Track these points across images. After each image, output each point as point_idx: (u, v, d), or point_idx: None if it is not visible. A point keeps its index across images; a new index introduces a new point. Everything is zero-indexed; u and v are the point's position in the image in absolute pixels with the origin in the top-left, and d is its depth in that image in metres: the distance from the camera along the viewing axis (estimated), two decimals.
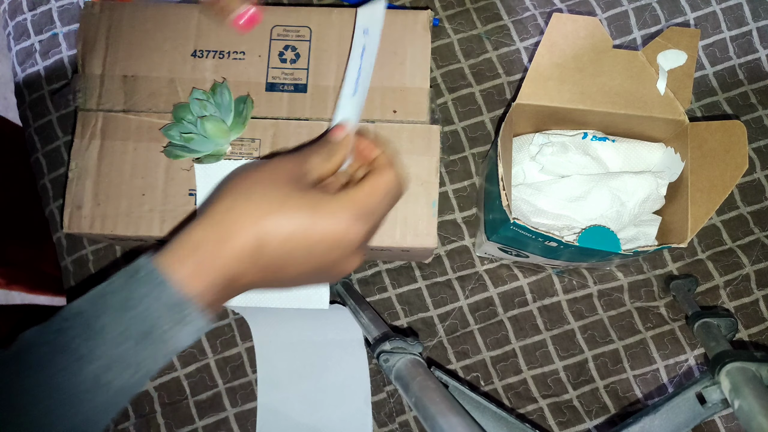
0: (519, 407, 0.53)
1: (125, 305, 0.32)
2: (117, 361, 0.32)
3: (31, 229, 0.71)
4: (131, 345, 0.32)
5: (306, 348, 0.53)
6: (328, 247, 0.35)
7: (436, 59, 0.59)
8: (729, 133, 0.43)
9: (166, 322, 0.33)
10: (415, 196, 0.46)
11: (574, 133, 0.51)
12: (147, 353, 0.33)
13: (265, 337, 0.53)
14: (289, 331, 0.53)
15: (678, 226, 0.45)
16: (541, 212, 0.49)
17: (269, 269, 0.35)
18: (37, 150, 0.58)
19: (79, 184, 0.46)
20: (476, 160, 0.57)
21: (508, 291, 0.55)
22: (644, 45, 0.46)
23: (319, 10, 0.49)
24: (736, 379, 0.44)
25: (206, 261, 0.33)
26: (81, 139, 0.47)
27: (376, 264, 0.55)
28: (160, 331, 0.33)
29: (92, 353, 0.31)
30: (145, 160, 0.46)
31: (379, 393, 0.53)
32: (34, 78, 0.59)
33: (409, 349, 0.46)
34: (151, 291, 0.33)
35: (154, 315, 0.32)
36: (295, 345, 0.53)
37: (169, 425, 0.53)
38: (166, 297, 0.33)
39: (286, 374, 0.53)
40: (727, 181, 0.42)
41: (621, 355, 0.54)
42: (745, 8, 0.60)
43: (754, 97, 0.58)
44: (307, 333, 0.53)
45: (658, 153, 0.50)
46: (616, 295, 0.55)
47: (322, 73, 0.48)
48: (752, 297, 0.55)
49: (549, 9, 0.60)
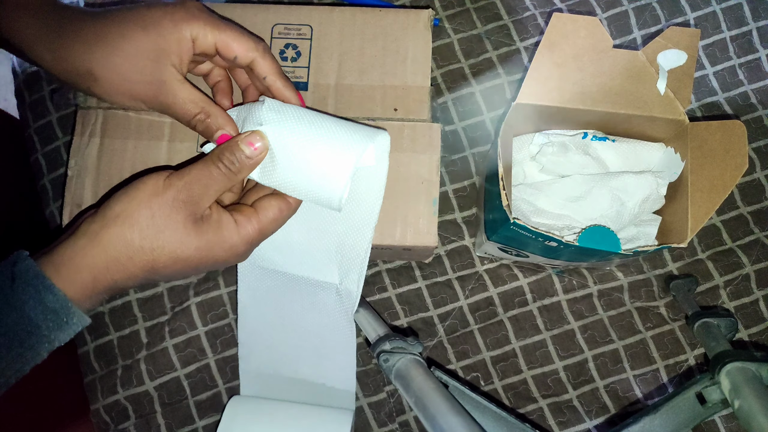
0: (519, 407, 0.53)
1: (4, 307, 0.33)
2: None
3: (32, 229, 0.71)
4: (5, 346, 0.33)
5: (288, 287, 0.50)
6: (217, 265, 0.39)
7: (436, 59, 0.59)
8: (729, 133, 0.43)
9: (47, 325, 0.34)
10: (416, 195, 0.46)
11: (574, 133, 0.51)
12: (21, 356, 0.34)
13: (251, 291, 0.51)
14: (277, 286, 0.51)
15: (678, 226, 0.45)
16: (541, 212, 0.49)
17: (155, 279, 0.38)
18: (36, 150, 0.58)
19: (79, 182, 0.46)
20: (476, 160, 0.57)
21: (508, 291, 0.55)
22: (644, 45, 0.46)
23: (321, 9, 0.49)
24: (736, 379, 0.44)
25: (95, 278, 0.35)
26: (81, 137, 0.47)
27: (376, 264, 0.55)
28: (39, 334, 0.34)
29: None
30: (144, 159, 0.46)
31: (379, 393, 0.53)
32: (34, 78, 0.59)
33: (409, 349, 0.46)
34: (33, 295, 0.34)
35: (37, 318, 0.34)
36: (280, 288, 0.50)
37: (169, 425, 0.53)
38: (50, 301, 0.34)
39: (268, 322, 0.51)
40: (727, 181, 0.42)
41: (621, 355, 0.54)
42: (745, 8, 0.60)
43: (754, 97, 0.58)
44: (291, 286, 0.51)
45: (658, 153, 0.50)
46: (616, 295, 0.55)
47: (323, 72, 0.48)
48: (752, 297, 0.55)
49: (549, 9, 0.60)
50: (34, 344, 0.34)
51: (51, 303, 0.34)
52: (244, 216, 0.39)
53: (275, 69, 0.41)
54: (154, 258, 0.36)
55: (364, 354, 0.53)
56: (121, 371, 0.53)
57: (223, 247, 0.38)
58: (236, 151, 0.38)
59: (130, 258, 0.36)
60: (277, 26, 0.49)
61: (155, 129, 0.47)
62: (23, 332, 0.34)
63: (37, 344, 0.34)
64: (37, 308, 0.33)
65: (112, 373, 0.53)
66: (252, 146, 0.38)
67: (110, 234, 0.35)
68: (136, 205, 0.36)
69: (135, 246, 0.35)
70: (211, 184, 0.37)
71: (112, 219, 0.36)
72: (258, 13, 0.49)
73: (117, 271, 0.36)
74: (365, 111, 0.47)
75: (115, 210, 0.36)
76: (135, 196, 0.36)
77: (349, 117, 0.47)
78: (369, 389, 0.53)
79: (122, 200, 0.36)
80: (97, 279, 0.35)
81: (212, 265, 0.39)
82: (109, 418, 0.53)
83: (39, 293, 0.33)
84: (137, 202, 0.36)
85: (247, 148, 0.38)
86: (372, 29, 0.49)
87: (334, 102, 0.47)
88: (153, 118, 0.47)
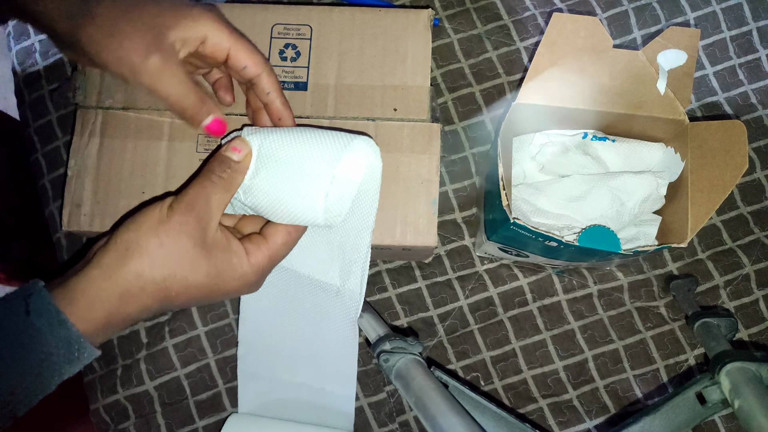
0: (519, 407, 0.53)
1: (18, 337, 0.33)
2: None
3: (32, 229, 0.71)
4: (16, 376, 0.33)
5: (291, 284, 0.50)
6: (229, 295, 0.39)
7: (436, 59, 0.59)
8: (729, 133, 0.43)
9: (59, 360, 0.34)
10: (416, 195, 0.46)
11: (574, 133, 0.51)
12: (32, 389, 0.34)
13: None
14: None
15: (678, 226, 0.45)
16: (541, 212, 0.49)
17: (169, 308, 0.38)
18: (36, 150, 0.58)
19: (79, 182, 0.46)
20: (476, 160, 0.57)
21: (508, 291, 0.55)
22: (644, 45, 0.46)
23: (320, 9, 0.49)
24: (736, 379, 0.44)
25: (109, 313, 0.35)
26: (80, 137, 0.47)
27: (376, 264, 0.55)
28: (51, 368, 0.34)
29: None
30: (144, 158, 0.46)
31: (379, 393, 0.53)
32: (34, 78, 0.59)
33: (409, 349, 0.46)
34: (47, 329, 0.33)
35: (49, 352, 0.33)
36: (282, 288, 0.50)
37: (169, 425, 0.53)
38: (63, 336, 0.34)
39: (269, 322, 0.51)
40: (727, 181, 0.42)
41: (621, 355, 0.54)
42: (745, 8, 0.60)
43: (754, 97, 0.58)
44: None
45: (658, 153, 0.50)
46: (616, 295, 0.55)
47: (322, 72, 0.48)
48: (752, 297, 0.55)
49: (549, 9, 0.60)
50: (45, 377, 0.34)
51: (64, 337, 0.34)
52: (254, 244, 0.39)
53: (278, 87, 0.42)
54: (166, 287, 0.36)
55: (364, 354, 0.53)
56: (121, 371, 0.53)
57: (233, 276, 0.38)
58: (224, 159, 0.38)
59: (142, 289, 0.35)
60: (276, 26, 0.49)
61: (155, 129, 0.47)
62: (35, 366, 0.33)
63: (48, 377, 0.34)
64: (50, 342, 0.33)
65: (112, 372, 0.53)
66: (237, 151, 0.39)
67: (121, 266, 0.35)
68: (144, 235, 0.36)
69: (146, 277, 0.35)
70: (211, 198, 0.37)
71: (122, 250, 0.35)
72: (257, 13, 0.49)
73: (130, 304, 0.35)
74: (365, 111, 0.47)
75: (124, 240, 0.36)
76: (141, 224, 0.36)
77: (349, 117, 0.47)
78: (369, 389, 0.53)
79: (130, 229, 0.36)
80: (111, 314, 0.35)
81: (224, 294, 0.38)
82: (109, 417, 0.53)
83: (53, 327, 0.33)
84: (144, 231, 0.36)
85: (233, 154, 0.38)
86: (372, 29, 0.49)
87: (334, 102, 0.47)
88: (153, 117, 0.47)
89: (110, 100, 0.47)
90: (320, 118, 0.47)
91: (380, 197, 0.43)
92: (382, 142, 0.47)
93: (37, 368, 0.33)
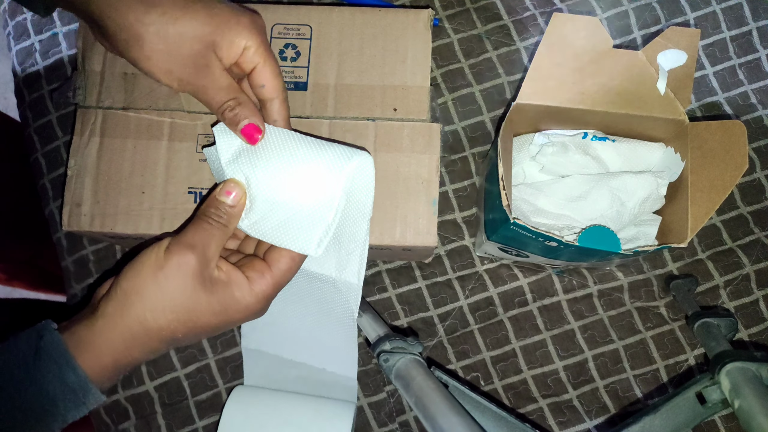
0: (519, 407, 0.53)
1: (25, 380, 0.33)
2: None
3: (32, 229, 0.71)
4: (21, 420, 0.33)
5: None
6: (236, 324, 0.39)
7: (436, 59, 0.59)
8: (729, 133, 0.43)
9: (65, 405, 0.34)
10: (416, 195, 0.46)
11: (574, 133, 0.51)
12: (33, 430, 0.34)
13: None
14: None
15: (678, 226, 0.45)
16: (541, 212, 0.49)
17: (178, 345, 0.38)
18: (36, 150, 0.58)
19: (79, 181, 0.46)
20: (476, 160, 0.57)
21: (508, 291, 0.55)
22: (644, 45, 0.46)
23: (320, 9, 0.49)
24: (736, 379, 0.44)
25: (116, 360, 0.35)
26: (80, 137, 0.47)
27: (376, 264, 0.55)
28: (56, 413, 0.34)
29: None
30: (144, 158, 0.46)
31: (379, 393, 0.53)
32: (34, 78, 0.59)
33: (409, 349, 0.46)
34: (56, 372, 0.33)
35: (56, 397, 0.33)
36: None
37: (169, 425, 0.53)
38: (71, 381, 0.34)
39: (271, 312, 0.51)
40: (727, 181, 0.42)
41: (621, 354, 0.54)
42: (745, 8, 0.60)
43: (754, 97, 0.58)
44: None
45: (658, 153, 0.50)
46: (616, 295, 0.55)
47: (322, 72, 0.48)
48: (752, 297, 0.55)
49: (549, 9, 0.60)
50: (50, 422, 0.34)
51: (72, 382, 0.34)
52: (257, 272, 0.38)
53: (288, 117, 0.43)
54: (171, 330, 0.36)
55: (364, 354, 0.53)
56: None
57: (238, 309, 0.37)
58: (218, 204, 0.38)
59: (146, 334, 0.35)
60: (276, 26, 0.49)
61: (155, 129, 0.47)
62: (41, 409, 0.33)
63: (53, 422, 0.34)
64: (57, 386, 0.33)
65: None
66: (230, 194, 0.38)
67: (124, 316, 0.35)
68: (142, 281, 0.35)
69: (149, 324, 0.35)
70: (209, 240, 0.37)
71: (123, 300, 0.35)
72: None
73: (136, 348, 0.36)
74: (365, 111, 0.47)
75: (123, 289, 0.36)
76: (140, 271, 0.36)
77: (349, 117, 0.47)
78: (369, 389, 0.53)
79: (128, 277, 0.36)
80: (118, 360, 0.35)
81: (231, 325, 0.38)
82: (110, 419, 0.53)
83: (61, 371, 0.33)
84: (143, 278, 0.35)
85: (226, 198, 0.38)
86: (372, 29, 0.49)
87: (334, 102, 0.47)
88: (153, 117, 0.47)
89: (110, 100, 0.47)
90: (320, 118, 0.47)
91: (380, 197, 0.43)
92: (382, 142, 0.47)
93: (41, 415, 0.33)
